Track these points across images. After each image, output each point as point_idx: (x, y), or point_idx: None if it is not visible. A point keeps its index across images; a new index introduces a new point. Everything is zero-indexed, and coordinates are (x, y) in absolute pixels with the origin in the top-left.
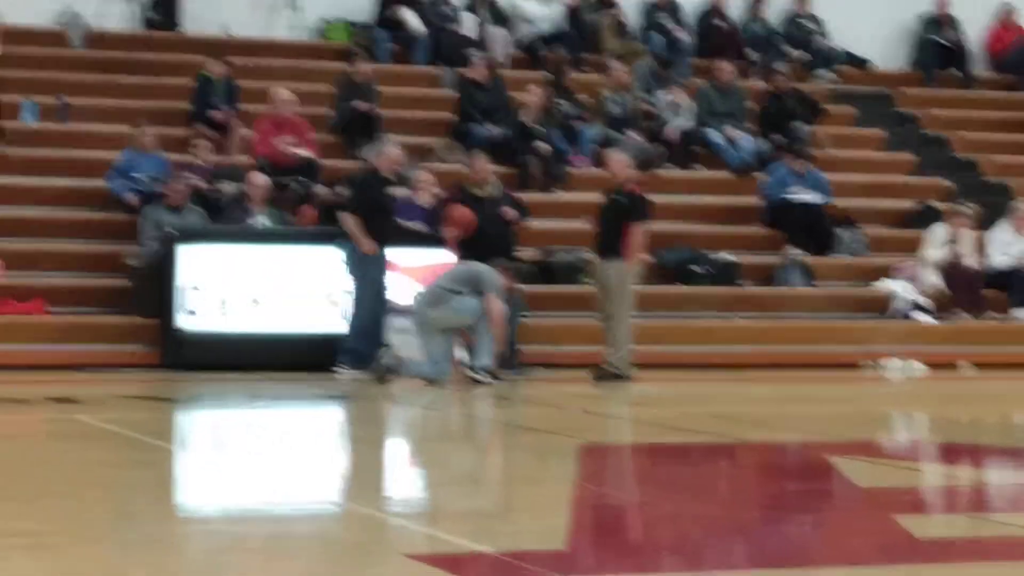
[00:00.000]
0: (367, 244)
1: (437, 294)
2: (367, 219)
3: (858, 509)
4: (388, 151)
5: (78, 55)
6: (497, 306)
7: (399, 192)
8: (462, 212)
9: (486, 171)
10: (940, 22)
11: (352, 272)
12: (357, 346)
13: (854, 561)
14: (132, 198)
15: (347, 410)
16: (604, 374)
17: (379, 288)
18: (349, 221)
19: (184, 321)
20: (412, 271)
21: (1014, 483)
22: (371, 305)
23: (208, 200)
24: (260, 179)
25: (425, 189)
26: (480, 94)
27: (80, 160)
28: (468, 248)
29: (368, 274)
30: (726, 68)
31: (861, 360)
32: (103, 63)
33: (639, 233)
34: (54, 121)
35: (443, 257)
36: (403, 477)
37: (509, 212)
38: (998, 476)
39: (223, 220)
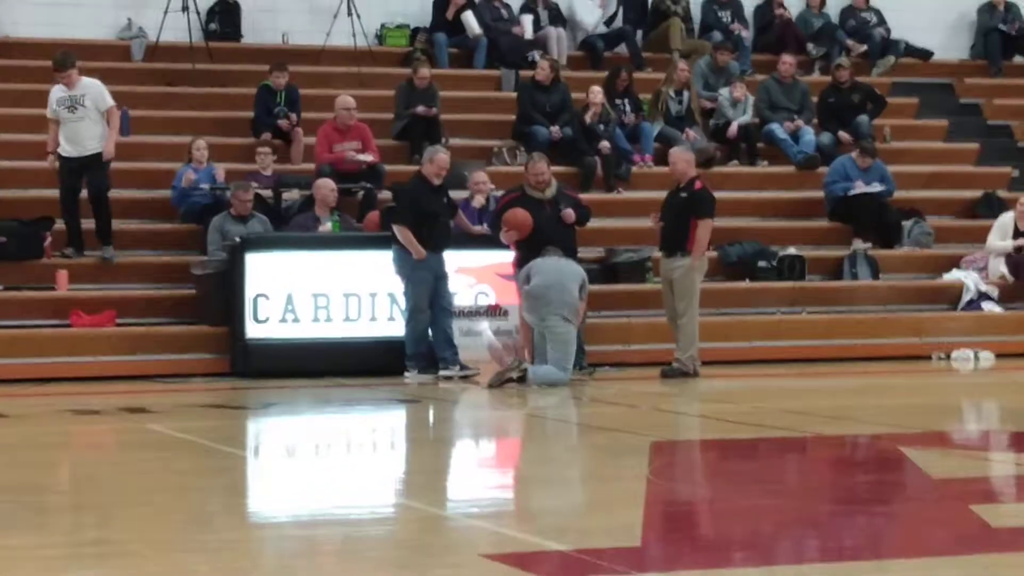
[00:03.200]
0: (418, 251)
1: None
2: (418, 226)
3: (933, 500)
4: (435, 157)
5: (140, 67)
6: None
7: (454, 195)
8: (518, 214)
9: (546, 173)
10: (997, 8)
11: (402, 277)
12: (419, 350)
13: (932, 552)
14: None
15: (414, 413)
16: (673, 372)
17: (437, 292)
18: (400, 231)
19: (252, 329)
20: (470, 272)
21: None
22: (428, 309)
23: (272, 208)
24: (328, 185)
25: (480, 190)
26: (542, 95)
27: (144, 172)
28: (530, 250)
29: (418, 278)
30: (788, 62)
31: (931, 352)
32: (165, 75)
33: (704, 229)
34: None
35: (501, 258)
36: (475, 478)
37: (569, 214)
38: None
39: (290, 228)
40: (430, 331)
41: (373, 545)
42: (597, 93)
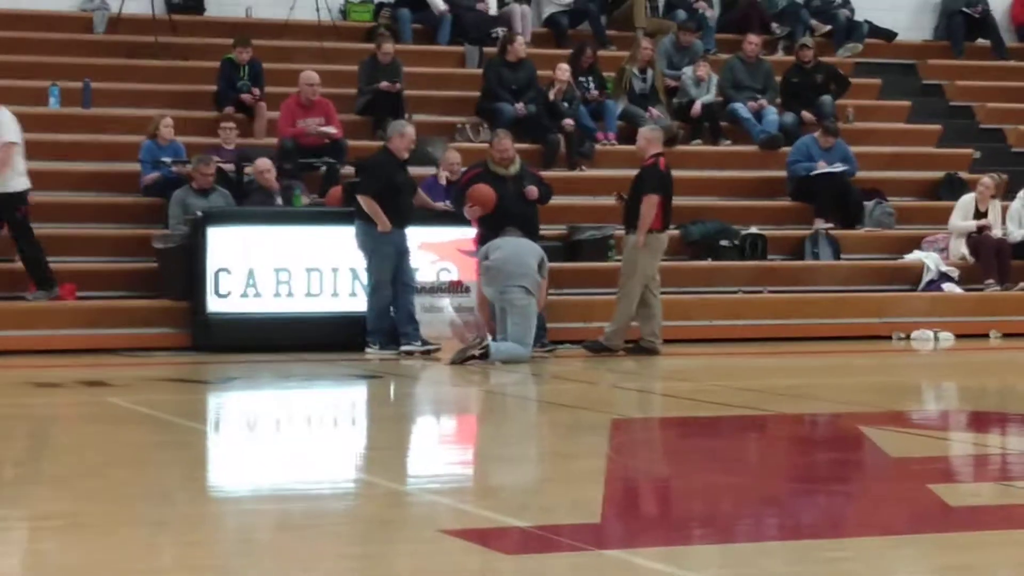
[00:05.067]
0: (384, 224)
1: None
2: (384, 200)
3: (891, 478)
4: (404, 131)
5: (102, 40)
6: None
7: (422, 171)
8: (483, 190)
9: (510, 150)
10: None
11: (364, 252)
12: (380, 325)
13: (888, 530)
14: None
15: (376, 389)
16: (592, 347)
17: (399, 268)
18: (367, 203)
19: (213, 303)
20: (433, 248)
21: None
22: (391, 285)
23: (235, 183)
24: (263, 165)
25: (449, 168)
26: (509, 73)
27: (105, 144)
28: (492, 227)
29: (382, 253)
30: (752, 41)
31: (891, 332)
32: (127, 47)
33: (646, 206)
34: (78, 106)
35: (463, 234)
36: (435, 454)
37: (532, 191)
38: None
39: (251, 203)
40: (392, 307)
41: (333, 520)
42: (564, 71)
